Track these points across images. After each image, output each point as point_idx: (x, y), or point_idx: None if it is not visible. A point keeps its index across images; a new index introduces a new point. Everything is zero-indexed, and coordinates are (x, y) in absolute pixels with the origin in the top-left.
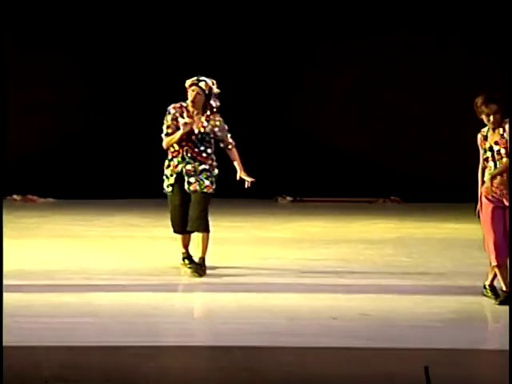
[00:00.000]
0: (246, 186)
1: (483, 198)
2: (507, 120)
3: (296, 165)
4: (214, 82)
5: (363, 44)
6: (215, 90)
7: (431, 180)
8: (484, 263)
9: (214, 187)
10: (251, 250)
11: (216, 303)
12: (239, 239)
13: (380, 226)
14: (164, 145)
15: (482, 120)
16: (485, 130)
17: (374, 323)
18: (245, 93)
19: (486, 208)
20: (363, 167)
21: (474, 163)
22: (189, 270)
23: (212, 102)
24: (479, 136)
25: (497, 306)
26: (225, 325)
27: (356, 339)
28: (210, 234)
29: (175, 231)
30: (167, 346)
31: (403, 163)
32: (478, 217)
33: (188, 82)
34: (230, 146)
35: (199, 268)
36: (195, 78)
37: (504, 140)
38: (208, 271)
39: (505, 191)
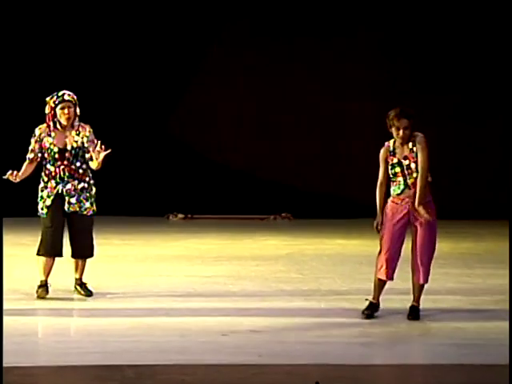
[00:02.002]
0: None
1: (389, 212)
2: (416, 133)
3: (187, 182)
4: None
5: (250, 56)
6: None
7: (321, 196)
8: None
9: (94, 208)
10: (142, 268)
11: (106, 321)
12: (130, 257)
13: (271, 243)
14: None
15: (391, 134)
16: (390, 144)
17: (265, 340)
18: (127, 108)
19: (389, 222)
20: (254, 184)
21: (364, 179)
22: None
23: (77, 110)
24: (383, 150)
25: (385, 321)
26: (115, 343)
27: (247, 355)
28: (98, 253)
29: (50, 254)
30: (56, 366)
31: (293, 179)
32: (378, 231)
33: (51, 103)
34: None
35: (85, 288)
36: (55, 95)
37: (413, 154)
38: (99, 289)
39: (410, 204)
